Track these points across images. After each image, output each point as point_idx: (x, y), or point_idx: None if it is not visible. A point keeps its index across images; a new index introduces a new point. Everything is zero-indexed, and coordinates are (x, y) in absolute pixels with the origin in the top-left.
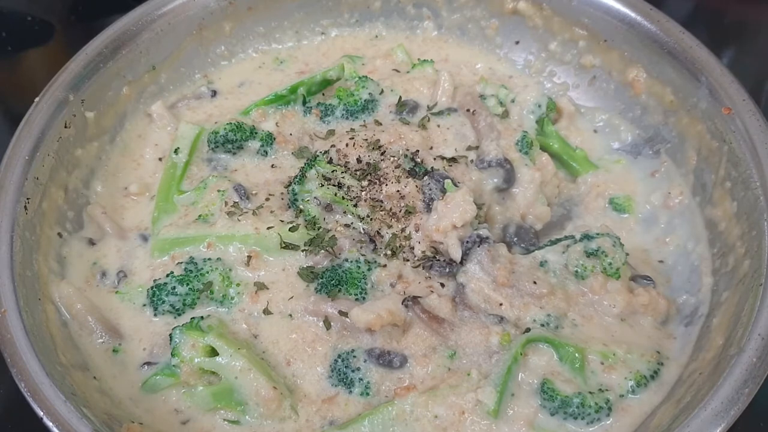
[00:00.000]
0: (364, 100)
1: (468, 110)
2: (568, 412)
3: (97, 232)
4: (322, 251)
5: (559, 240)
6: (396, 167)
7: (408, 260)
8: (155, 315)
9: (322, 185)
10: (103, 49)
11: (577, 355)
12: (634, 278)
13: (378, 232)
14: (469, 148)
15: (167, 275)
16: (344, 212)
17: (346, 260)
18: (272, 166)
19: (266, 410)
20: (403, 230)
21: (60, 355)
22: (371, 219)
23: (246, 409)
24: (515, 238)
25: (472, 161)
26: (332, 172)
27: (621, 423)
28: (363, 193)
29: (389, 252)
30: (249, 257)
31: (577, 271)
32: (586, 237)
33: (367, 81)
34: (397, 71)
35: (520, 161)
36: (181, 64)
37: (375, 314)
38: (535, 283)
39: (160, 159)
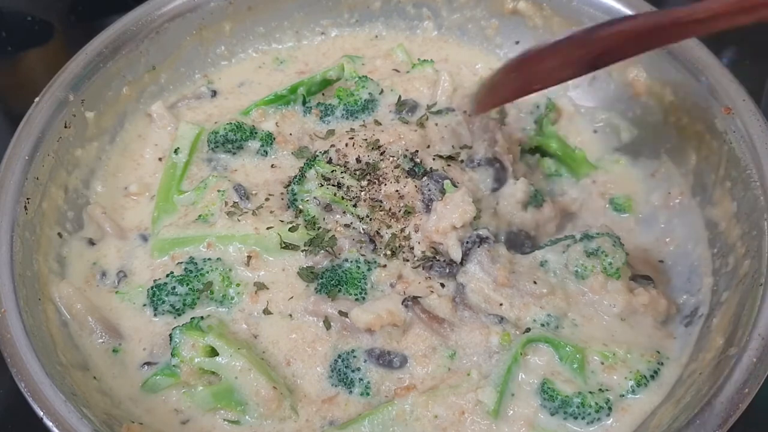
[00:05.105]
0: (364, 100)
1: (465, 111)
2: (569, 412)
3: (97, 232)
4: (322, 251)
5: (559, 240)
6: (395, 167)
7: (408, 260)
8: (155, 315)
9: (322, 185)
10: (103, 49)
11: (577, 355)
12: (634, 278)
13: (378, 232)
14: (464, 147)
15: (167, 275)
16: (344, 212)
17: (346, 260)
18: (272, 166)
19: (266, 410)
20: (402, 230)
21: (60, 355)
22: (371, 219)
23: (246, 409)
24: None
25: (462, 161)
26: (332, 172)
27: (621, 423)
28: (362, 193)
29: (389, 252)
30: (249, 257)
31: (577, 271)
32: (586, 237)
33: (367, 81)
34: (397, 71)
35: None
36: (181, 64)
37: (375, 314)
38: (535, 283)
39: (160, 159)
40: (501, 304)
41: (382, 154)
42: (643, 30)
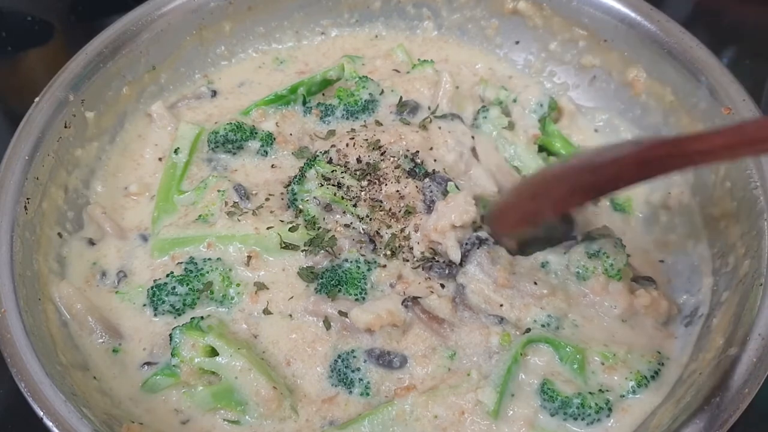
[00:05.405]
0: (365, 101)
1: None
2: (569, 412)
3: (97, 232)
4: (322, 251)
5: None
6: (396, 168)
7: (408, 260)
8: (155, 315)
9: (322, 185)
10: (103, 49)
11: (577, 355)
12: (635, 279)
13: (377, 233)
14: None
15: (167, 275)
16: (344, 212)
17: (346, 260)
18: (272, 166)
19: (266, 410)
20: (402, 230)
21: (60, 355)
22: (371, 219)
23: (246, 409)
24: None
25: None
26: (332, 172)
27: (621, 423)
28: (362, 193)
29: (389, 252)
30: (249, 257)
31: (578, 272)
32: (588, 238)
33: (368, 81)
34: (398, 71)
35: None
36: (181, 64)
37: (375, 314)
38: (535, 283)
39: (160, 159)
40: (501, 305)
41: (382, 154)
42: (650, 159)
